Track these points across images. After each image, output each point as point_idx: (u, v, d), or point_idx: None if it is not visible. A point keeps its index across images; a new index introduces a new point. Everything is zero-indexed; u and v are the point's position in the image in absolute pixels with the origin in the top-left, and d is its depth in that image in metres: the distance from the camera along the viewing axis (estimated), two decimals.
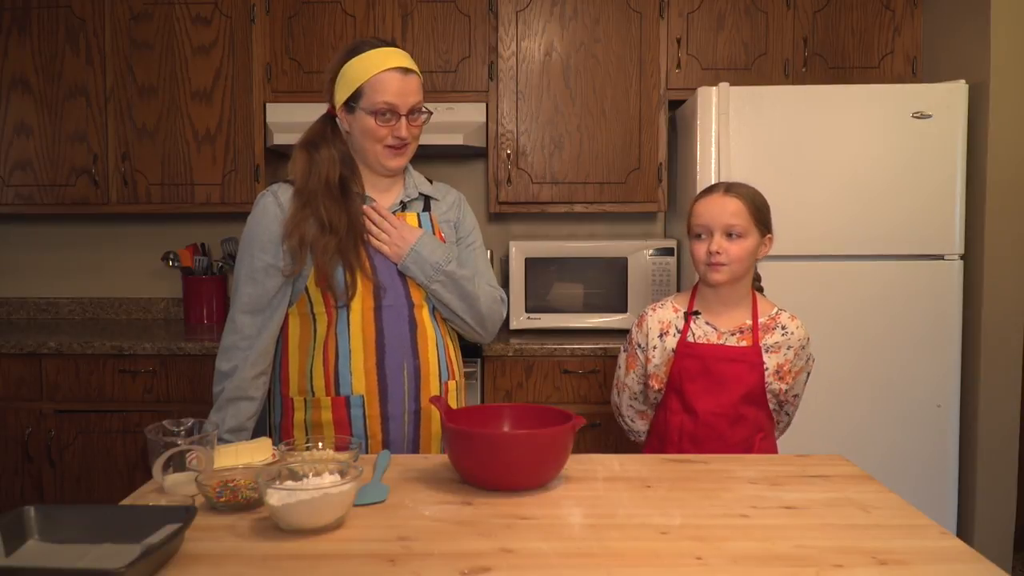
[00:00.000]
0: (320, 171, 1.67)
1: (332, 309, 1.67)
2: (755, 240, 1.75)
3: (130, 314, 3.46)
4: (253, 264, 1.67)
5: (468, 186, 3.38)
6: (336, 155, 1.70)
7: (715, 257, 1.72)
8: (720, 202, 1.74)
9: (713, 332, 1.78)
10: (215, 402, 1.67)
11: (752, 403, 1.75)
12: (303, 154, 1.71)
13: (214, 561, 1.08)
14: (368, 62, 1.65)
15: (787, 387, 1.77)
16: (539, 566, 1.07)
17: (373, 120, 1.65)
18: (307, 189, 1.66)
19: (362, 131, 1.67)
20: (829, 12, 3.02)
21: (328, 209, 1.64)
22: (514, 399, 2.77)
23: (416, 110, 1.69)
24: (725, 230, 1.72)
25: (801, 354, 1.79)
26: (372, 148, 1.68)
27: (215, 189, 3.08)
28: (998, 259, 2.66)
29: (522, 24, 3.02)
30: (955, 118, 2.61)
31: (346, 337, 1.67)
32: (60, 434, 2.80)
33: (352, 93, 1.66)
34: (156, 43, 3.05)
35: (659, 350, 1.82)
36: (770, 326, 1.78)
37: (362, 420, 1.68)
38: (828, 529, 1.19)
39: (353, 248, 1.65)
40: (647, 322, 1.85)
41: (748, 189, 1.78)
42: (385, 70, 1.64)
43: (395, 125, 1.66)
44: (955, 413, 2.67)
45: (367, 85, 1.64)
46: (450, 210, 1.84)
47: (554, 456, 1.37)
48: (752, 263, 1.77)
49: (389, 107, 1.65)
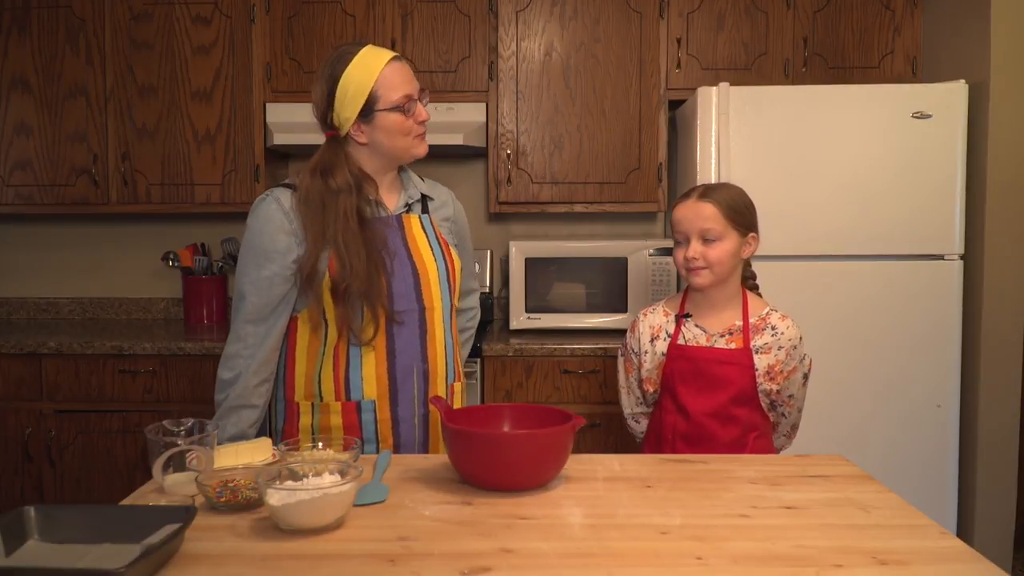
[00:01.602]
0: (338, 215, 1.61)
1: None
2: (734, 241, 1.74)
3: (130, 314, 3.46)
4: (259, 274, 1.63)
5: (468, 186, 3.38)
6: (352, 180, 1.64)
7: (692, 263, 1.74)
8: (694, 208, 1.76)
9: (703, 334, 1.79)
10: (217, 410, 1.66)
11: (743, 404, 1.76)
12: (314, 177, 1.64)
13: (214, 561, 1.08)
14: (364, 66, 1.62)
15: (778, 387, 1.77)
16: (539, 566, 1.07)
17: (400, 116, 1.64)
18: (326, 237, 1.61)
19: (389, 131, 1.65)
20: (829, 12, 3.02)
21: (351, 256, 1.59)
22: (514, 399, 2.77)
23: (422, 92, 1.69)
24: (701, 235, 1.74)
25: (793, 354, 1.78)
26: (403, 143, 1.67)
27: (215, 189, 3.08)
28: (998, 259, 2.66)
29: (522, 24, 3.02)
30: (955, 118, 2.61)
31: (357, 345, 1.66)
32: (60, 434, 2.80)
33: (365, 102, 1.62)
34: (156, 43, 3.05)
35: (650, 355, 1.84)
36: (760, 327, 1.78)
37: (373, 424, 1.67)
38: (828, 529, 1.19)
39: (376, 281, 1.61)
40: (639, 327, 1.87)
41: (725, 192, 1.77)
42: (387, 64, 1.63)
43: (417, 112, 1.67)
44: (955, 413, 2.67)
45: (378, 86, 1.62)
46: (444, 207, 1.85)
47: (554, 456, 1.37)
48: (735, 264, 1.76)
49: (408, 98, 1.65)
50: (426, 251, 1.72)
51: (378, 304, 1.61)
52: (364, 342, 1.64)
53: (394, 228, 1.71)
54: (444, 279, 1.73)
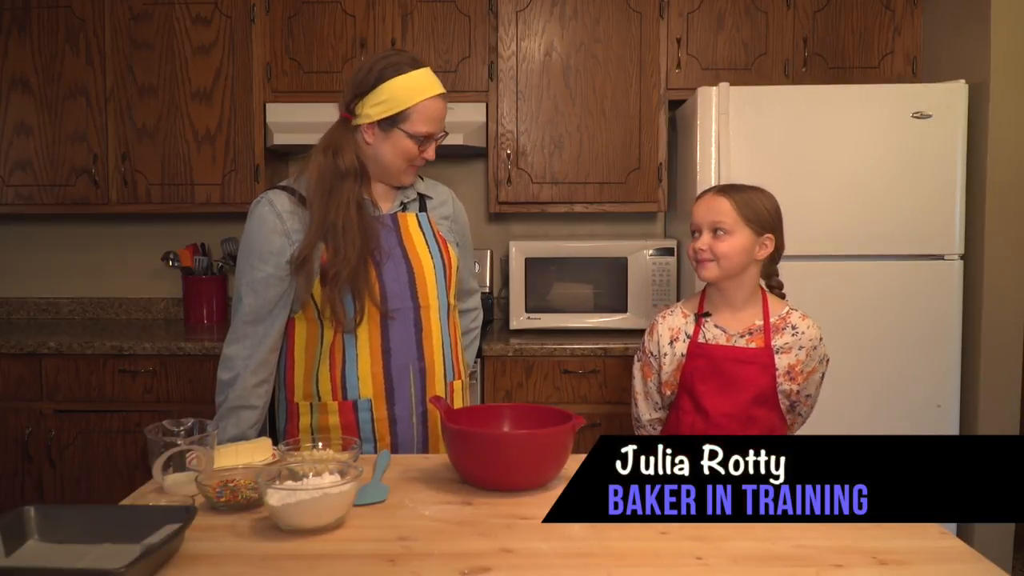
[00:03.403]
0: (341, 202, 1.63)
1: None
2: (745, 238, 1.74)
3: (130, 314, 3.46)
4: (254, 275, 1.66)
5: (468, 186, 3.38)
6: (357, 167, 1.67)
7: (700, 254, 1.76)
8: (709, 201, 1.78)
9: (723, 334, 1.79)
10: (217, 411, 1.67)
11: (763, 405, 1.75)
12: (321, 156, 1.66)
13: (214, 561, 1.09)
14: (416, 85, 1.63)
15: (798, 388, 1.77)
16: (539, 566, 1.07)
17: (412, 143, 1.65)
18: (326, 222, 1.62)
19: (395, 150, 1.66)
20: (829, 12, 3.02)
21: (346, 244, 1.61)
22: (514, 399, 2.77)
23: (442, 135, 1.71)
24: (711, 227, 1.75)
25: (813, 354, 1.78)
26: (398, 165, 1.68)
27: (215, 189, 3.08)
28: (998, 259, 2.66)
29: (522, 24, 3.02)
30: (955, 118, 2.61)
31: (353, 342, 1.66)
32: (60, 434, 2.80)
33: (395, 114, 1.64)
34: (156, 43, 3.05)
35: (669, 356, 1.82)
36: (780, 326, 1.78)
37: (370, 423, 1.68)
38: (828, 529, 1.19)
39: (363, 272, 1.63)
40: (657, 330, 1.86)
41: (746, 191, 1.78)
42: (432, 97, 1.65)
43: (426, 148, 1.68)
44: (955, 413, 2.67)
45: (415, 111, 1.63)
46: (443, 206, 1.85)
47: (554, 456, 1.37)
48: (745, 262, 1.76)
49: (430, 136, 1.67)
50: (422, 249, 1.73)
51: (365, 293, 1.63)
52: (348, 329, 1.64)
53: (389, 227, 1.72)
54: (441, 277, 1.74)
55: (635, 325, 2.95)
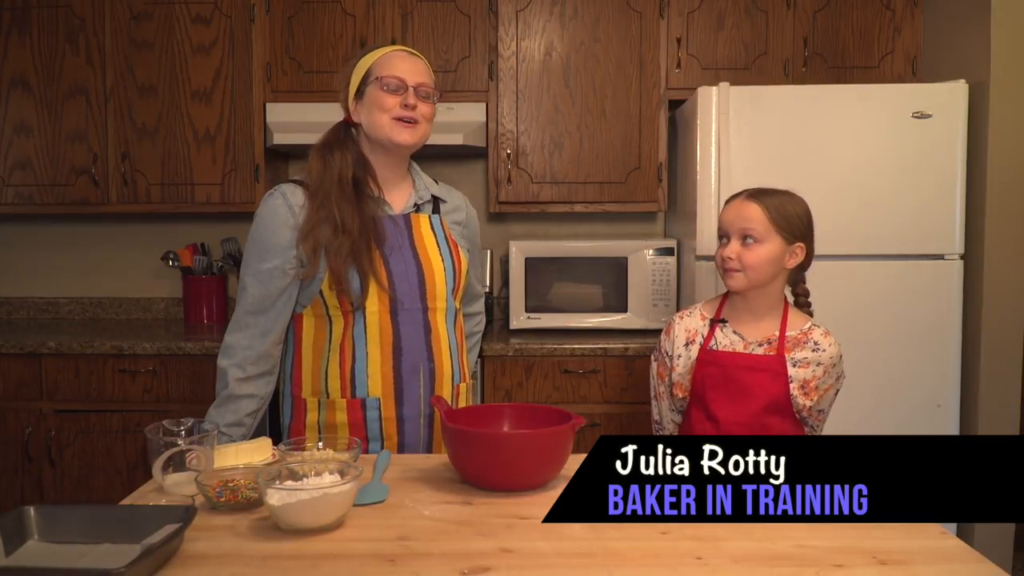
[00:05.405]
0: (334, 171, 1.67)
1: (348, 312, 1.66)
2: (775, 247, 1.69)
3: (130, 314, 3.46)
4: (260, 266, 1.67)
5: (468, 186, 3.38)
6: (351, 157, 1.70)
7: (728, 263, 1.70)
8: (739, 207, 1.72)
9: (740, 341, 1.74)
10: (216, 398, 1.67)
11: (776, 414, 1.70)
12: (318, 155, 1.71)
13: (214, 561, 1.09)
14: (376, 52, 1.71)
15: (812, 403, 1.72)
16: (539, 566, 1.07)
17: (384, 93, 1.66)
18: (321, 190, 1.65)
19: (371, 106, 1.67)
20: (829, 12, 3.02)
21: (341, 210, 1.63)
22: (514, 399, 2.77)
23: (426, 90, 1.69)
24: (741, 234, 1.69)
25: (831, 372, 1.73)
26: (381, 121, 1.66)
27: (215, 189, 3.08)
28: (998, 259, 2.66)
29: (522, 24, 3.02)
30: (955, 118, 2.61)
31: (363, 340, 1.66)
32: (60, 434, 2.80)
33: (361, 78, 1.69)
34: (156, 43, 3.05)
35: (683, 359, 1.79)
36: (801, 340, 1.72)
37: (378, 422, 1.68)
38: (828, 529, 1.18)
39: (366, 252, 1.64)
40: (674, 330, 1.82)
41: (777, 197, 1.72)
42: (394, 50, 1.70)
43: (404, 95, 1.67)
44: (955, 413, 2.67)
45: (375, 65, 1.68)
46: (456, 211, 1.85)
47: (554, 456, 1.37)
48: (774, 271, 1.70)
49: (398, 80, 1.66)
50: (433, 251, 1.73)
51: (369, 272, 1.64)
52: (358, 305, 1.65)
53: (400, 227, 1.72)
54: (450, 280, 1.74)
55: (635, 325, 2.95)
